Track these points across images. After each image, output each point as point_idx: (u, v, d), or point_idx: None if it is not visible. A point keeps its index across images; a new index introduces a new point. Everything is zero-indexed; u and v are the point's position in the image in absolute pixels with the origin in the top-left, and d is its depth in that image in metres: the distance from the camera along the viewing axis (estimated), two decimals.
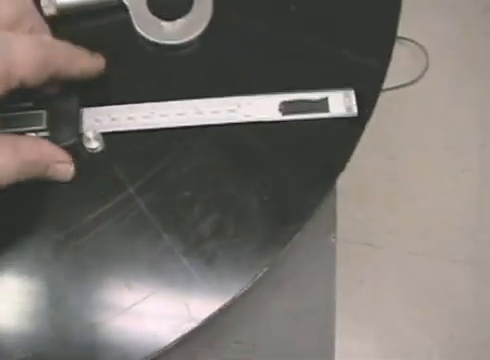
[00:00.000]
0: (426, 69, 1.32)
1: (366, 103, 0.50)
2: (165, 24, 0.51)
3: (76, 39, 0.52)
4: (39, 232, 0.47)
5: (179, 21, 0.51)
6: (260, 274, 0.46)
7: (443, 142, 1.35)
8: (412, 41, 1.34)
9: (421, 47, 1.34)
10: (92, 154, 0.48)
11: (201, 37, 0.52)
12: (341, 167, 0.48)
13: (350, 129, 0.50)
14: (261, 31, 0.53)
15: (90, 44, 0.52)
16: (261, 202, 0.47)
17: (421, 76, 1.31)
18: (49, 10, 0.52)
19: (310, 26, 0.54)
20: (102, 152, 0.49)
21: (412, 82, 1.30)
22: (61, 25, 0.53)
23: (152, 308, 0.45)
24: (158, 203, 0.47)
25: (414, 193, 1.31)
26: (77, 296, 0.45)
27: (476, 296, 1.27)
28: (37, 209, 0.47)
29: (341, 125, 0.50)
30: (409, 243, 1.28)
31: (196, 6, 0.52)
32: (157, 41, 0.51)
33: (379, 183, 1.29)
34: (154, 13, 0.52)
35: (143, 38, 0.51)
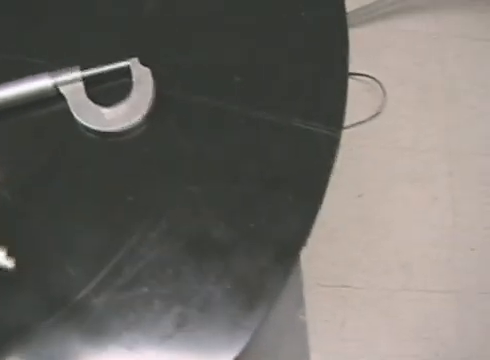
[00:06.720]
0: (384, 103, 1.32)
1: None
2: (106, 111, 0.49)
3: (18, 132, 0.51)
4: None
5: (120, 106, 0.49)
6: None
7: (410, 174, 1.34)
8: (367, 76, 1.34)
9: (377, 81, 1.34)
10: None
11: (145, 120, 0.50)
12: (302, 243, 0.47)
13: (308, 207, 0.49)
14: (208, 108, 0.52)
15: (31, 136, 0.51)
16: (224, 291, 0.45)
17: (380, 111, 1.31)
18: None
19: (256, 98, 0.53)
20: None
21: (371, 118, 1.29)
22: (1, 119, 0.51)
23: None
24: (116, 302, 0.45)
25: (386, 229, 1.30)
26: None
27: (459, 324, 1.26)
28: None
29: (298, 202, 0.49)
30: (386, 280, 1.27)
31: (136, 89, 0.50)
32: (99, 129, 0.49)
33: (350, 222, 1.28)
34: (93, 100, 0.50)
35: (84, 127, 0.50)
